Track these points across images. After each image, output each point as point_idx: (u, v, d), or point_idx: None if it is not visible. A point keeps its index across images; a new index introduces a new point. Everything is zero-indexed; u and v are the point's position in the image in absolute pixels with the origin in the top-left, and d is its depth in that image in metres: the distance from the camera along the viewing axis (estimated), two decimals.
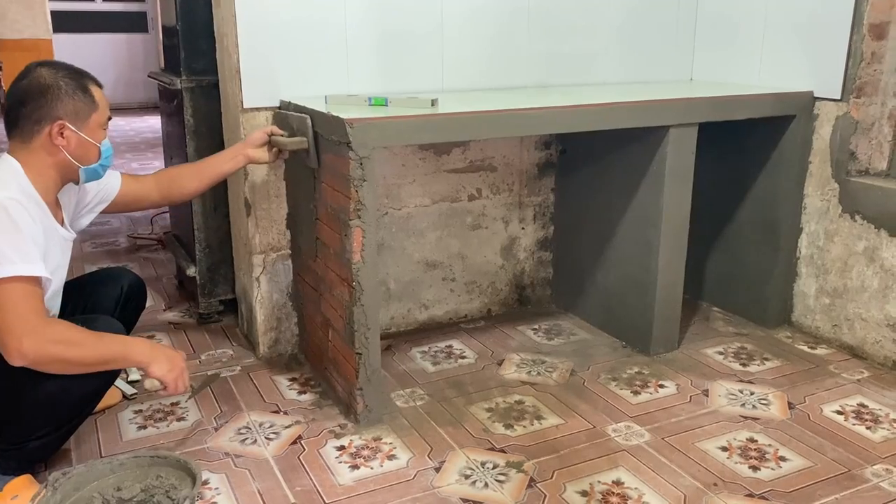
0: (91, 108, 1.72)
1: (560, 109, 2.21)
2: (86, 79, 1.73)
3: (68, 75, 1.70)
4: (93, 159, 1.76)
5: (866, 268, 2.46)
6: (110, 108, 1.81)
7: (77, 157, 1.72)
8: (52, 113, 1.66)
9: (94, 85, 1.75)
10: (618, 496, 1.78)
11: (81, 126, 1.70)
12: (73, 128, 1.69)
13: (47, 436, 1.75)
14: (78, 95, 1.69)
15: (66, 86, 1.67)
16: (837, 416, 2.15)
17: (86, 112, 1.71)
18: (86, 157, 1.74)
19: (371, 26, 2.40)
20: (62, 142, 1.69)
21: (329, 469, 1.89)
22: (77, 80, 1.70)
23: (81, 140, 1.71)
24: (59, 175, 1.74)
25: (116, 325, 1.80)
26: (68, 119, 1.68)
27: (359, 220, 1.95)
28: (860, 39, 2.38)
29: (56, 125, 1.67)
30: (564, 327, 2.78)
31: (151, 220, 4.24)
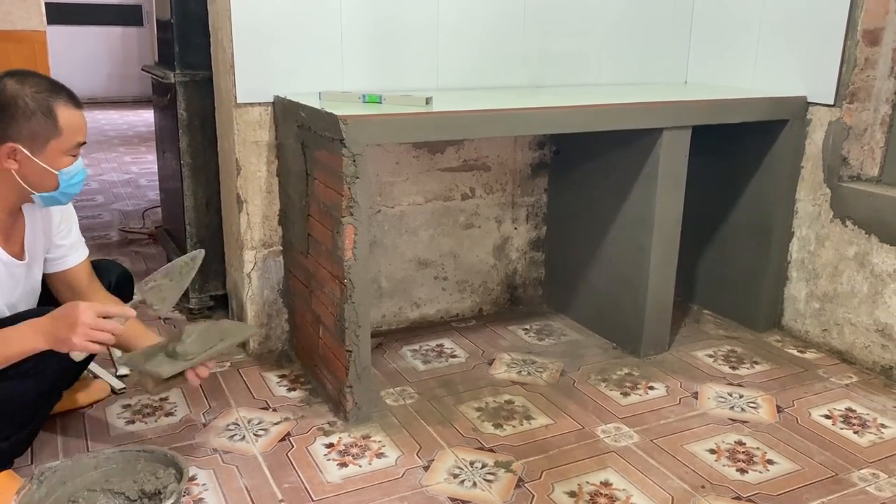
0: (51, 133, 1.56)
1: (554, 110, 2.21)
2: (55, 98, 1.56)
3: (35, 93, 1.54)
4: (48, 187, 1.61)
5: (856, 273, 2.47)
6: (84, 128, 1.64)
7: (30, 183, 1.59)
8: (3, 133, 1.53)
9: (66, 106, 1.58)
10: (606, 497, 1.79)
11: (37, 152, 1.56)
12: (26, 152, 1.55)
13: (14, 435, 1.71)
14: (37, 118, 1.53)
15: (25, 106, 1.52)
16: (825, 420, 2.16)
17: (44, 137, 1.55)
18: (40, 184, 1.60)
19: (366, 23, 2.40)
20: (13, 165, 1.56)
21: (317, 466, 1.88)
22: (42, 100, 1.54)
23: (36, 166, 1.57)
24: (9, 195, 1.62)
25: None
26: (23, 143, 1.54)
27: (351, 217, 1.94)
28: (854, 45, 2.39)
29: (6, 147, 1.54)
30: (555, 328, 2.78)
31: (143, 214, 4.23)
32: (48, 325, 1.53)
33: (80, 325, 1.49)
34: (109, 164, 5.83)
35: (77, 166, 1.64)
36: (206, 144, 2.64)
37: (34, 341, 1.52)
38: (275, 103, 2.32)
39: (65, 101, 1.58)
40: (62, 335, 1.50)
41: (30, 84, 1.55)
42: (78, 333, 1.49)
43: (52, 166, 1.59)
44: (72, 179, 1.63)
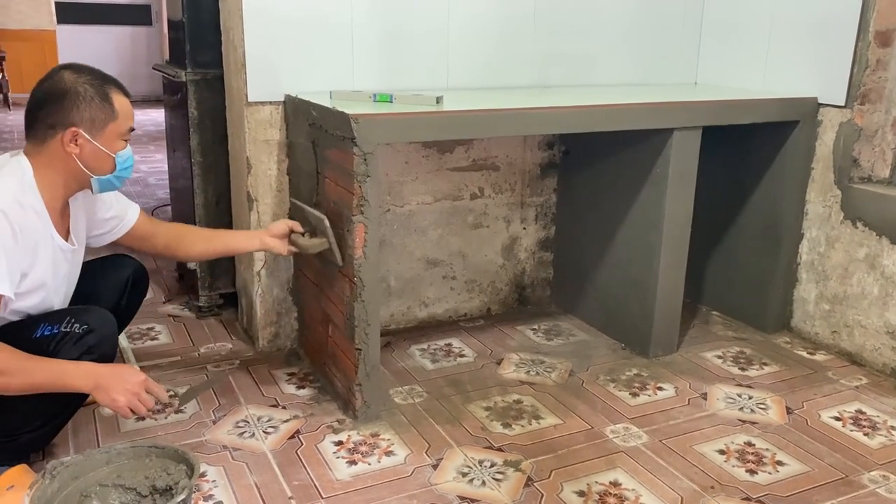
0: (109, 117, 1.66)
1: (564, 110, 2.21)
2: (109, 86, 1.68)
3: (91, 81, 1.65)
4: (106, 170, 1.70)
5: (867, 275, 2.47)
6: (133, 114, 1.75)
7: (89, 167, 1.68)
8: (66, 119, 1.62)
9: (118, 93, 1.68)
10: (615, 497, 1.78)
11: (96, 135, 1.65)
12: (87, 136, 1.64)
13: (41, 428, 1.74)
14: (95, 103, 1.64)
15: (84, 92, 1.63)
16: (835, 421, 2.15)
17: (102, 121, 1.65)
18: (99, 167, 1.69)
19: (377, 23, 2.40)
20: (74, 149, 1.64)
21: (326, 464, 1.89)
22: (98, 87, 1.65)
23: (95, 149, 1.66)
24: (70, 181, 1.70)
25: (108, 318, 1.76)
26: (83, 127, 1.63)
27: (361, 215, 1.95)
28: (866, 46, 2.38)
29: (69, 132, 1.63)
30: (564, 328, 2.78)
31: (153, 212, 4.24)
32: (104, 377, 1.63)
33: (135, 392, 1.64)
34: None
35: (128, 151, 1.74)
36: (216, 143, 2.65)
37: (85, 383, 1.61)
38: (286, 102, 2.32)
39: (117, 89, 1.69)
40: (111, 393, 1.62)
41: (84, 73, 1.66)
42: (123, 397, 1.63)
43: (110, 149, 1.68)
44: (125, 163, 1.73)
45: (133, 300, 2.05)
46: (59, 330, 1.66)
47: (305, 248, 2.06)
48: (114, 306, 1.96)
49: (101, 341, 1.71)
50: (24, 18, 8.51)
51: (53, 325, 1.67)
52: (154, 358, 2.45)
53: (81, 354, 1.66)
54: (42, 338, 1.65)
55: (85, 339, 1.67)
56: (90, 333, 1.68)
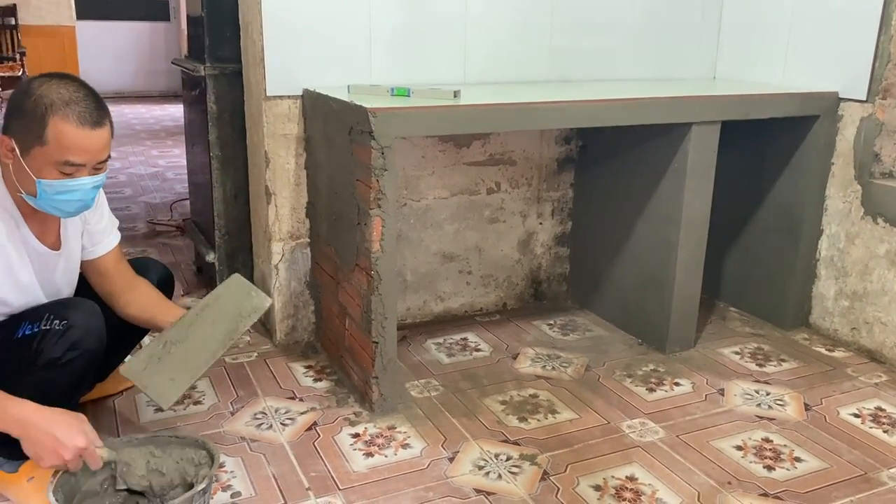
0: (35, 139, 1.51)
1: (582, 104, 2.21)
2: (60, 111, 1.50)
3: (42, 97, 1.51)
4: (29, 190, 1.57)
5: (887, 271, 2.44)
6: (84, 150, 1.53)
7: (17, 179, 1.57)
8: (7, 126, 1.54)
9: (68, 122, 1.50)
10: (631, 491, 1.78)
11: (24, 152, 1.53)
12: (16, 148, 1.53)
13: None
14: (27, 120, 1.51)
15: (24, 106, 1.51)
16: (854, 418, 2.14)
17: (29, 141, 1.52)
18: (22, 184, 1.57)
19: (394, 17, 2.41)
20: (8, 158, 1.55)
21: (343, 456, 1.90)
22: (42, 107, 1.50)
23: (20, 165, 1.54)
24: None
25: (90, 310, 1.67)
26: (16, 139, 1.53)
27: (379, 209, 1.96)
28: (888, 40, 2.36)
29: (5, 139, 1.54)
30: (580, 323, 2.77)
31: (171, 206, 4.28)
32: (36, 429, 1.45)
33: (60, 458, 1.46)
34: (137, 158, 5.90)
35: (67, 184, 1.56)
36: (235, 137, 2.67)
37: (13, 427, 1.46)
38: (304, 96, 2.34)
39: (65, 116, 1.51)
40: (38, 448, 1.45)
41: (47, 87, 1.53)
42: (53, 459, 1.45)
43: (34, 172, 1.54)
44: (57, 195, 1.56)
45: None
46: (39, 328, 1.61)
47: None
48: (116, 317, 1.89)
49: (84, 336, 1.64)
50: (44, 14, 8.58)
51: (34, 323, 1.61)
52: None
53: (66, 351, 1.60)
54: (24, 338, 1.60)
55: (67, 336, 1.61)
56: (71, 329, 1.61)
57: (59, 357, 1.61)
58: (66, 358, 1.61)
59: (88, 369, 1.70)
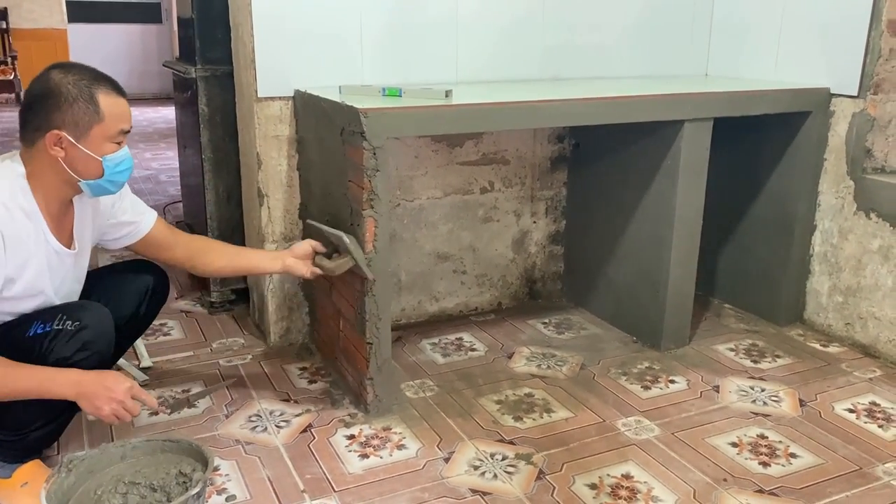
0: (93, 119, 1.58)
1: (574, 102, 2.20)
2: (98, 86, 1.60)
3: (77, 81, 1.58)
4: (94, 174, 1.64)
5: (881, 266, 2.45)
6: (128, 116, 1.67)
7: (76, 170, 1.62)
8: (49, 121, 1.57)
9: (109, 93, 1.61)
10: (627, 490, 1.78)
11: (80, 137, 1.58)
12: (70, 139, 1.58)
13: (46, 425, 1.73)
14: (79, 105, 1.56)
15: (68, 93, 1.56)
16: (849, 414, 2.14)
17: (86, 123, 1.58)
18: (85, 171, 1.63)
19: (386, 17, 2.40)
20: (59, 153, 1.59)
21: (339, 457, 1.90)
22: (84, 88, 1.57)
23: (80, 152, 1.59)
24: (61, 185, 1.65)
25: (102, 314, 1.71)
26: (66, 129, 1.57)
27: (371, 210, 1.95)
28: (878, 35, 2.36)
29: (51, 135, 1.57)
30: (575, 321, 2.77)
31: (164, 209, 4.26)
32: (87, 385, 1.59)
33: (113, 399, 1.60)
34: None
35: (122, 154, 1.66)
36: (227, 139, 2.66)
37: (70, 390, 1.59)
38: (295, 97, 2.33)
39: (107, 89, 1.61)
40: (95, 401, 1.59)
41: (73, 73, 1.59)
42: (107, 404, 1.60)
43: (96, 153, 1.61)
44: (117, 167, 1.66)
45: (152, 308, 2.02)
46: (51, 328, 1.63)
47: (331, 269, 1.98)
48: (133, 313, 1.95)
49: (96, 338, 1.67)
50: (35, 18, 8.55)
51: (46, 322, 1.64)
52: (166, 353, 2.47)
53: (76, 352, 1.63)
54: (35, 336, 1.62)
55: (79, 336, 1.64)
56: (84, 330, 1.65)
57: (68, 357, 1.63)
58: (75, 358, 1.64)
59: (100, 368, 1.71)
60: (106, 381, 1.61)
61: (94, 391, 1.59)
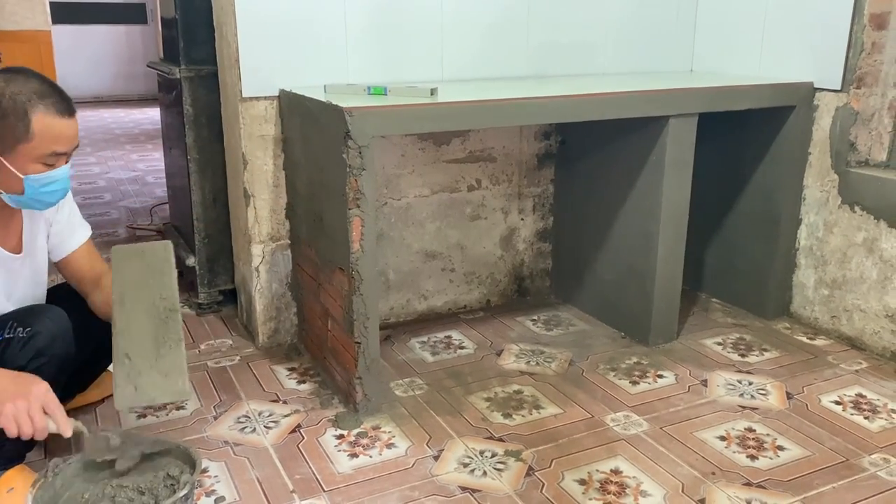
0: (18, 137, 1.51)
1: (560, 99, 2.21)
2: (37, 103, 1.51)
3: (15, 94, 1.50)
4: (14, 189, 1.56)
5: (865, 259, 2.46)
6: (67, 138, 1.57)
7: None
8: None
9: (47, 114, 1.52)
10: (616, 485, 1.79)
11: (5, 152, 1.52)
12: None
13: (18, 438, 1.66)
14: (8, 120, 1.49)
15: (4, 107, 1.49)
16: (835, 406, 2.16)
17: (12, 139, 1.51)
18: (6, 185, 1.56)
19: (370, 15, 2.40)
20: None
21: (328, 457, 1.89)
22: (21, 102, 1.49)
23: (2, 167, 1.53)
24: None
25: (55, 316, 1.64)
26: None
27: (358, 209, 1.95)
28: (861, 29, 2.38)
29: None
30: (563, 318, 2.78)
31: (151, 210, 4.24)
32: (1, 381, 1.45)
33: (22, 402, 1.41)
34: (116, 162, 5.86)
35: (55, 174, 1.58)
36: (212, 139, 2.65)
37: None
38: (280, 97, 2.32)
39: (46, 108, 1.52)
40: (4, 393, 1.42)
41: (15, 84, 1.52)
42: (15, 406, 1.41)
43: (19, 170, 1.54)
44: (43, 187, 1.57)
45: None
46: (2, 337, 1.58)
47: None
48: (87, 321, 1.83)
49: (50, 343, 1.61)
50: (19, 20, 8.47)
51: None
52: None
53: (31, 360, 1.58)
54: None
55: (32, 343, 1.58)
56: (36, 336, 1.59)
57: (24, 365, 1.57)
58: (31, 366, 1.58)
59: (58, 376, 1.65)
60: (20, 379, 1.46)
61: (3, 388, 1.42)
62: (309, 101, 2.12)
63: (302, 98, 2.16)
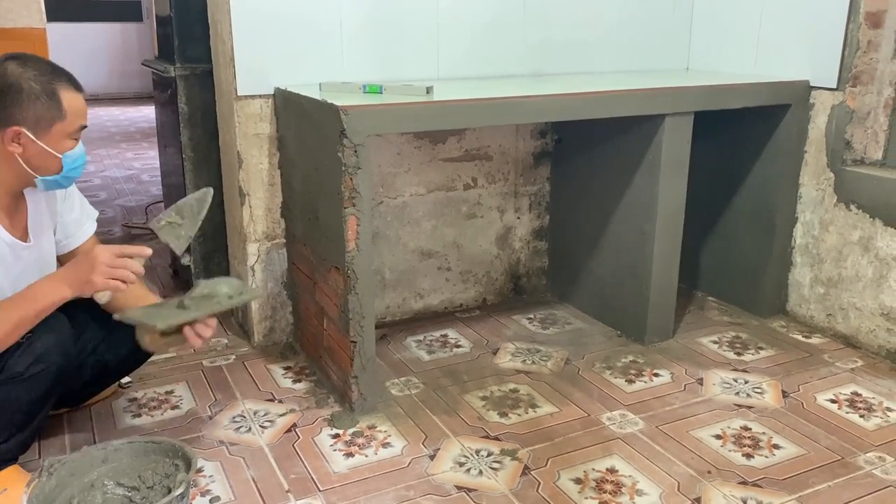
0: (55, 116, 1.56)
1: (556, 97, 2.20)
2: (58, 81, 1.57)
3: (38, 76, 1.55)
4: (52, 170, 1.62)
5: (861, 257, 2.47)
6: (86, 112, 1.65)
7: (33, 167, 1.60)
8: (8, 117, 1.54)
9: (68, 89, 1.58)
10: (612, 483, 1.79)
11: (41, 134, 1.56)
12: (30, 135, 1.55)
13: (13, 437, 1.66)
14: (41, 101, 1.54)
15: (29, 89, 1.53)
16: (831, 404, 2.16)
17: (48, 120, 1.56)
18: (43, 168, 1.61)
19: (366, 13, 2.39)
20: (17, 149, 1.56)
21: (324, 457, 1.89)
22: (45, 83, 1.55)
23: (40, 149, 1.57)
24: (11, 180, 1.62)
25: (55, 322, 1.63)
26: (27, 126, 1.54)
27: (353, 208, 1.94)
28: (856, 28, 2.38)
29: (10, 131, 1.54)
30: (559, 316, 2.78)
31: (146, 209, 4.23)
32: (69, 273, 1.56)
33: (99, 264, 1.52)
34: (112, 161, 5.84)
35: (79, 150, 1.65)
36: (207, 138, 2.64)
37: (60, 290, 1.55)
38: (275, 95, 2.32)
39: (66, 85, 1.59)
40: (83, 277, 1.53)
41: (32, 67, 1.56)
42: (98, 272, 1.52)
43: (56, 150, 1.60)
44: (74, 163, 1.64)
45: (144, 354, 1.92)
46: None
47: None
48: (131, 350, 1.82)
49: (49, 349, 1.60)
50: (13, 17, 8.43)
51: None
52: None
53: (29, 366, 1.58)
54: None
55: (31, 349, 1.58)
56: (35, 343, 1.58)
57: (22, 372, 1.57)
58: (29, 372, 1.58)
59: (55, 385, 1.65)
60: (84, 259, 1.56)
61: (79, 273, 1.54)
62: (304, 99, 2.11)
63: (297, 96, 2.15)
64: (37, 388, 1.61)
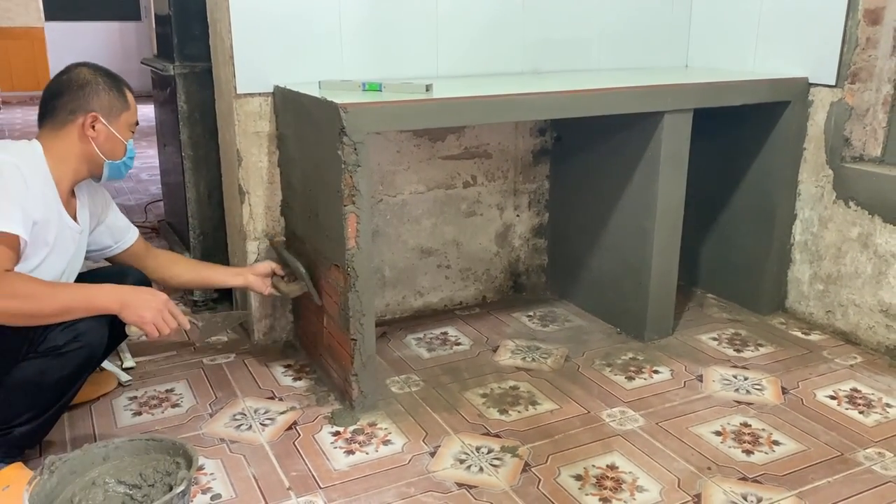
0: (123, 106, 1.83)
1: (555, 95, 2.21)
2: (121, 82, 1.86)
3: (106, 75, 1.83)
4: (118, 155, 1.85)
5: (860, 254, 2.47)
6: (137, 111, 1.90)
7: (104, 151, 1.81)
8: (87, 105, 1.77)
9: (128, 89, 1.87)
10: (612, 480, 1.79)
11: (112, 121, 1.81)
12: (104, 121, 1.79)
13: (32, 421, 1.72)
14: (113, 93, 1.81)
15: (104, 83, 1.80)
16: (830, 400, 2.16)
17: (118, 109, 1.82)
18: (112, 152, 1.84)
19: (365, 11, 2.39)
20: (93, 133, 1.78)
21: (324, 454, 1.89)
22: (113, 81, 1.83)
23: (111, 134, 1.81)
24: (81, 166, 1.81)
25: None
26: (102, 113, 1.78)
27: (353, 206, 1.94)
28: (855, 25, 2.38)
29: (89, 116, 1.77)
30: (559, 314, 2.78)
31: (145, 208, 4.23)
32: (129, 294, 1.70)
33: (160, 309, 1.72)
34: None
35: (132, 143, 1.90)
36: (206, 136, 2.64)
37: (114, 302, 1.68)
38: (275, 93, 2.31)
39: (126, 85, 1.87)
40: (139, 310, 1.70)
41: (99, 70, 1.84)
42: (153, 312, 1.71)
43: (122, 136, 1.84)
44: (132, 152, 1.90)
45: None
46: None
47: (285, 292, 2.22)
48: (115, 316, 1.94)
49: (90, 329, 1.71)
50: (12, 16, 8.45)
51: None
52: (150, 353, 2.45)
53: (69, 342, 1.68)
54: (28, 328, 1.64)
55: (74, 326, 1.68)
56: (80, 322, 1.68)
57: (60, 346, 1.68)
58: (66, 348, 1.68)
59: (84, 367, 1.76)
60: (145, 292, 1.74)
61: (137, 300, 1.69)
62: (304, 97, 2.11)
63: (296, 94, 2.15)
64: (69, 365, 1.70)
